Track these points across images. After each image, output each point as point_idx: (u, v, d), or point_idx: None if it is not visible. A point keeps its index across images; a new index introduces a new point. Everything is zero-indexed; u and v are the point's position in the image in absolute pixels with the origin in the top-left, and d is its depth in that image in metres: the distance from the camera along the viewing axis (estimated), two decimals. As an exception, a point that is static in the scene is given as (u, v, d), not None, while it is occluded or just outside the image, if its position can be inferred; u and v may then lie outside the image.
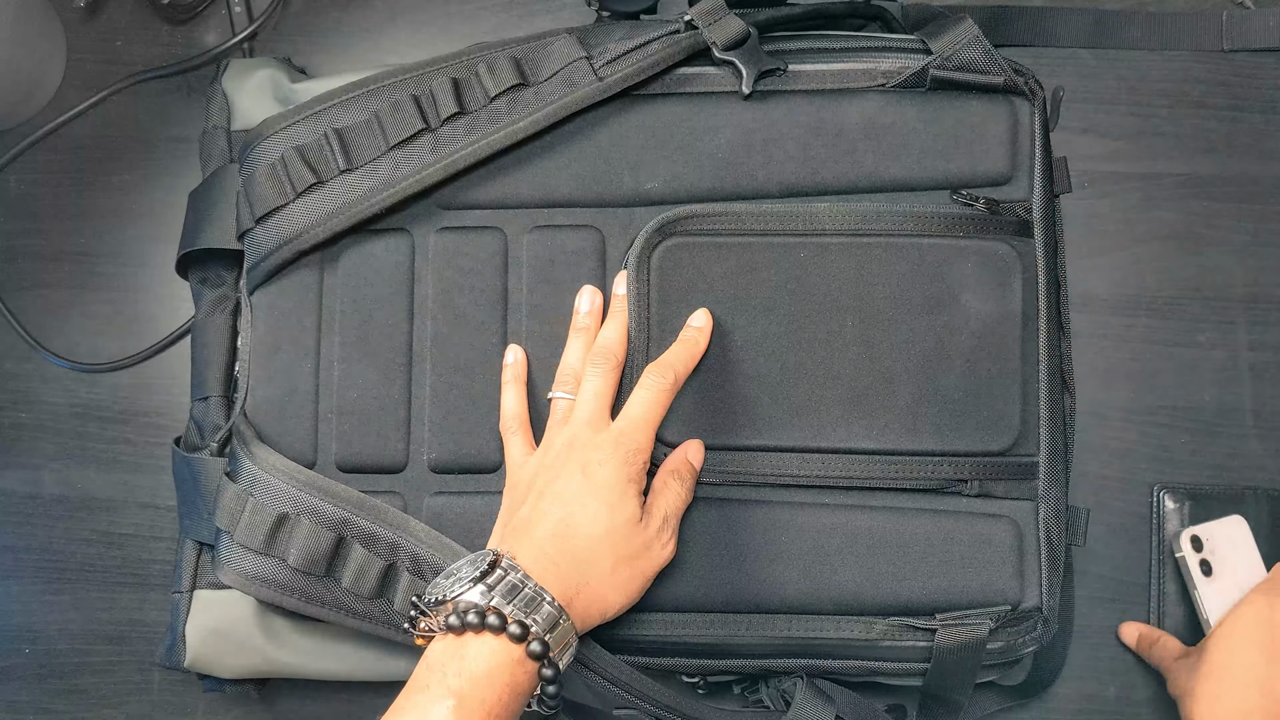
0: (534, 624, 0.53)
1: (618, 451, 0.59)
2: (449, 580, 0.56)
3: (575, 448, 0.60)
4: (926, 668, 0.63)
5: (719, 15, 0.65)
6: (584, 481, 0.59)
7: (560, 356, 0.65)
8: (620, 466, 0.59)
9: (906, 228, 0.64)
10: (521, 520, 0.59)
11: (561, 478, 0.59)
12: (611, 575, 0.58)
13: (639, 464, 0.60)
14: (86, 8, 0.78)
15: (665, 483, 0.62)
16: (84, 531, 0.77)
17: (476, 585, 0.54)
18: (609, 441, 0.60)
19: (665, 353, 0.63)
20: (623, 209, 0.66)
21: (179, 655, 0.67)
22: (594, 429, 0.61)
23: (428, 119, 0.65)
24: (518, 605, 0.54)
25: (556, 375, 0.64)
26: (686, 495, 0.62)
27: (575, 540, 0.57)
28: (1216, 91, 0.77)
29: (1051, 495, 0.64)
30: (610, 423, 0.61)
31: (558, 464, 0.60)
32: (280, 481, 0.63)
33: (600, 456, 0.59)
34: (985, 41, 0.65)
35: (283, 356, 0.66)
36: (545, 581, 0.55)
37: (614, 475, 0.59)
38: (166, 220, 0.78)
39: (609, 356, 0.63)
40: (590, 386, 0.62)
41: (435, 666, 0.53)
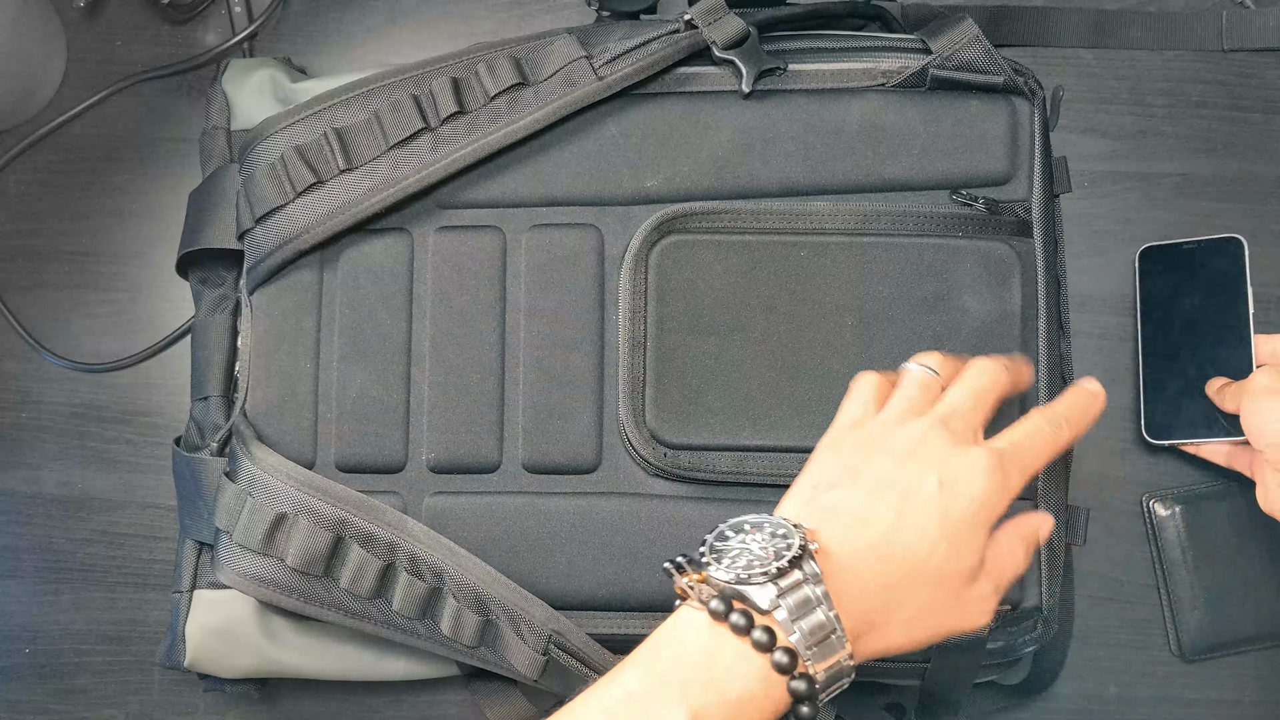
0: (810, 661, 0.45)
1: (992, 479, 0.49)
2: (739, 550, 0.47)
3: (937, 444, 0.50)
4: (926, 667, 0.63)
5: (719, 15, 0.65)
6: (938, 497, 0.48)
7: (560, 357, 0.64)
8: (986, 501, 0.48)
9: (906, 227, 0.64)
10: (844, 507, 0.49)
11: (909, 474, 0.49)
12: (912, 620, 0.48)
13: (1002, 508, 0.49)
14: (86, 8, 0.78)
15: (1013, 546, 0.52)
16: (84, 531, 0.77)
17: (769, 583, 0.45)
18: (986, 461, 0.49)
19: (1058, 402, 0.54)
20: (622, 208, 0.66)
21: (179, 655, 0.67)
22: (963, 433, 0.50)
23: (427, 118, 0.65)
24: (803, 633, 0.45)
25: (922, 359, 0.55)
26: (1024, 567, 0.52)
27: (896, 566, 0.48)
28: (1216, 91, 0.77)
29: (1051, 495, 0.64)
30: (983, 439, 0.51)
31: (907, 451, 0.50)
32: (279, 481, 0.63)
33: (969, 475, 0.49)
34: (985, 41, 0.65)
35: (282, 356, 0.66)
36: (844, 608, 0.46)
37: (975, 510, 0.48)
38: (166, 220, 0.78)
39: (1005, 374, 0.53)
40: (976, 382, 0.52)
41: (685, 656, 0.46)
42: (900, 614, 0.48)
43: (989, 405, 0.52)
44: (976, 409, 0.51)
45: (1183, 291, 0.73)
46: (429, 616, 0.63)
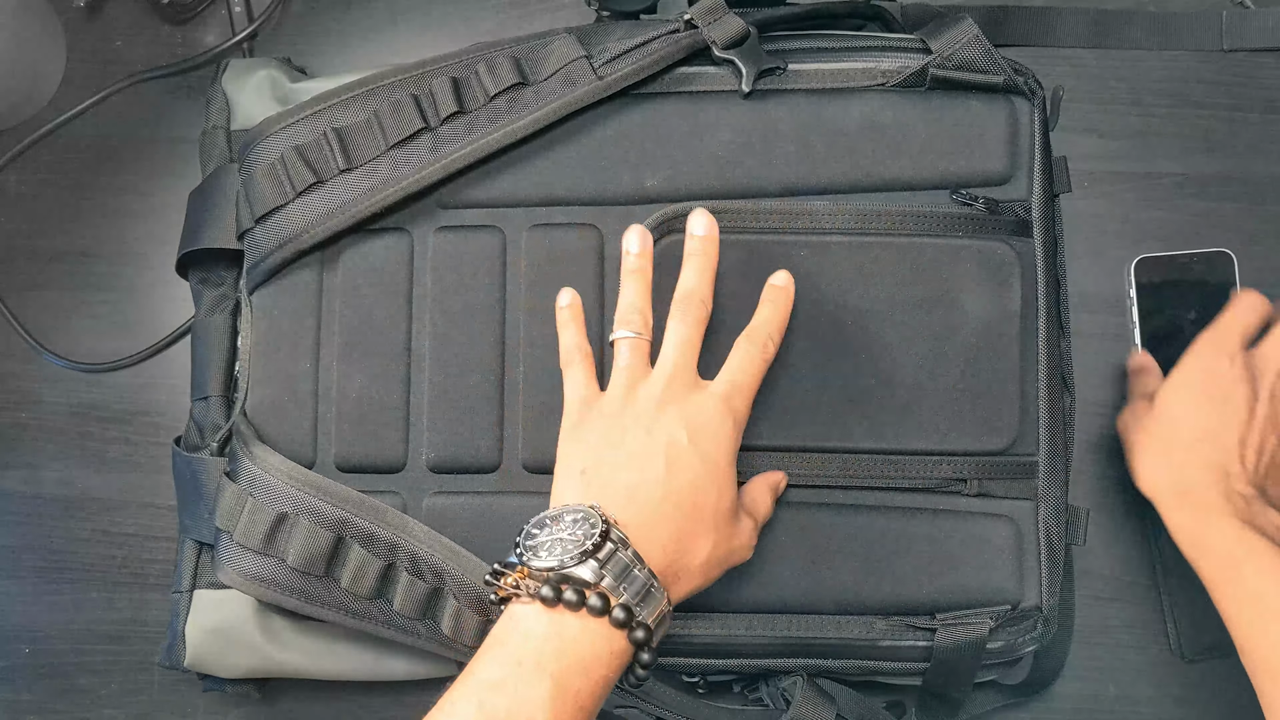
0: (641, 613, 0.52)
1: (728, 419, 0.57)
2: (550, 541, 0.53)
3: (672, 401, 0.57)
4: (926, 667, 0.63)
5: (719, 14, 0.65)
6: (691, 448, 0.55)
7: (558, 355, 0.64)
8: (731, 438, 0.56)
9: (906, 227, 0.64)
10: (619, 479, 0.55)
11: (661, 434, 0.56)
12: (707, 560, 0.56)
13: (738, 437, 0.57)
14: (86, 8, 0.78)
15: (760, 490, 0.61)
16: (84, 531, 0.77)
17: (587, 560, 0.52)
18: (715, 404, 0.57)
19: (754, 318, 0.61)
20: (622, 207, 0.66)
21: (179, 655, 0.67)
22: (688, 385, 0.57)
23: (427, 118, 0.65)
24: (630, 592, 0.52)
25: (616, 316, 0.61)
26: (771, 510, 0.62)
27: (683, 516, 0.55)
28: (1216, 91, 0.77)
29: (1051, 495, 0.64)
30: (703, 381, 0.59)
31: (652, 415, 0.57)
32: (279, 481, 0.63)
33: (706, 420, 0.56)
34: (985, 41, 0.65)
35: (282, 356, 0.66)
36: (654, 562, 0.53)
37: (727, 448, 0.56)
38: (166, 220, 0.78)
39: (698, 305, 0.60)
40: (679, 333, 0.59)
41: (532, 638, 0.51)
42: (696, 558, 0.55)
43: (696, 347, 0.59)
44: (687, 359, 0.58)
45: (1178, 305, 0.74)
46: (430, 616, 0.63)
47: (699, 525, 0.55)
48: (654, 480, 0.55)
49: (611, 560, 0.52)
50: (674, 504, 0.55)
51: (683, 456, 0.55)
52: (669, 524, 0.55)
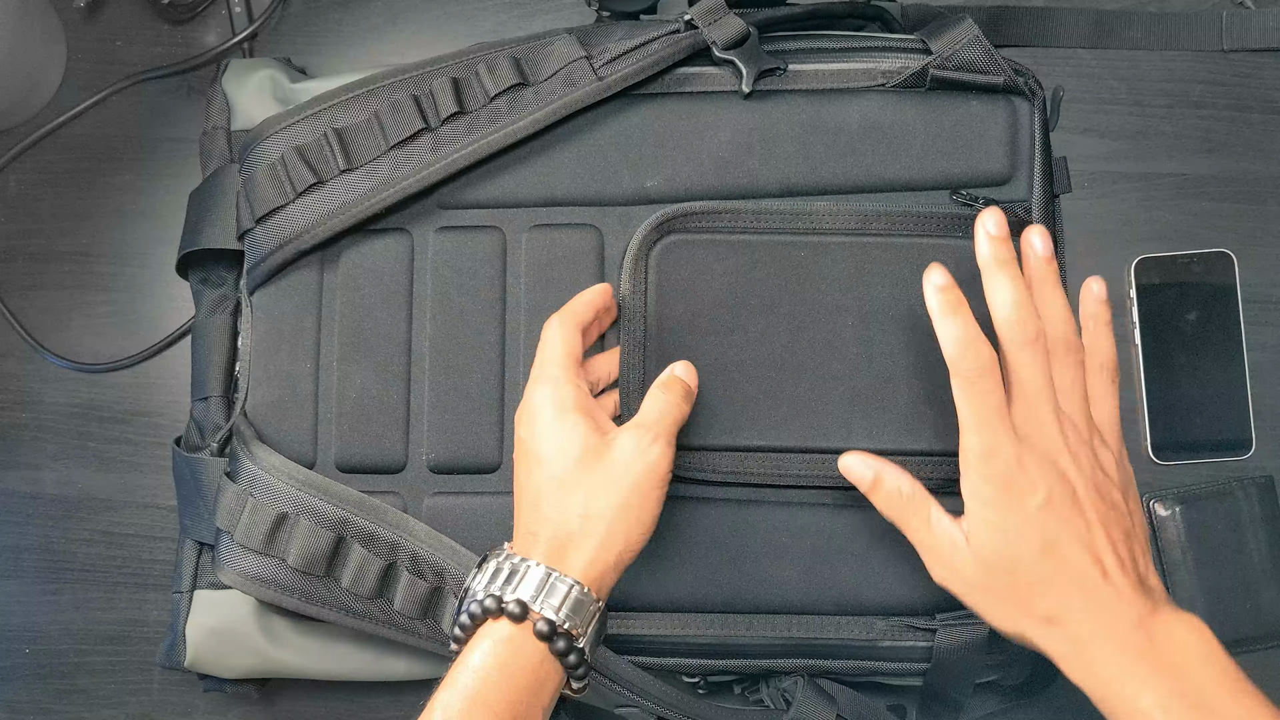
0: (520, 594, 0.53)
1: (536, 391, 0.58)
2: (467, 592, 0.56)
3: (520, 414, 0.59)
4: (927, 668, 0.63)
5: (719, 15, 0.65)
6: (529, 439, 0.57)
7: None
8: (545, 403, 0.57)
9: (906, 227, 0.64)
10: (514, 510, 0.59)
11: (519, 449, 0.59)
12: (589, 514, 0.55)
13: (563, 393, 0.57)
14: (86, 8, 0.78)
15: (649, 394, 0.60)
16: (84, 531, 0.77)
17: (473, 585, 0.55)
18: (529, 389, 0.59)
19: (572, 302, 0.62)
20: (622, 208, 0.66)
21: (179, 655, 0.67)
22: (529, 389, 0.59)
23: (427, 119, 0.65)
24: (501, 583, 0.53)
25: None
26: (674, 404, 0.59)
27: (540, 497, 0.56)
28: (1216, 91, 0.77)
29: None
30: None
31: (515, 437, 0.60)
32: (280, 482, 0.63)
33: (528, 408, 0.58)
34: (985, 41, 0.65)
35: (282, 357, 0.66)
36: (526, 550, 0.55)
37: (546, 418, 0.57)
38: (166, 220, 0.78)
39: (560, 313, 0.62)
40: (543, 347, 0.60)
41: (457, 666, 0.53)
42: (570, 516, 0.55)
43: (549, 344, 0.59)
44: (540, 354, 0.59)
45: (1178, 305, 0.74)
46: (430, 616, 0.63)
47: (554, 489, 0.56)
48: (518, 493, 0.58)
49: (489, 571, 0.55)
50: (531, 497, 0.56)
51: (522, 450, 0.58)
52: (532, 514, 0.56)
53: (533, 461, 0.57)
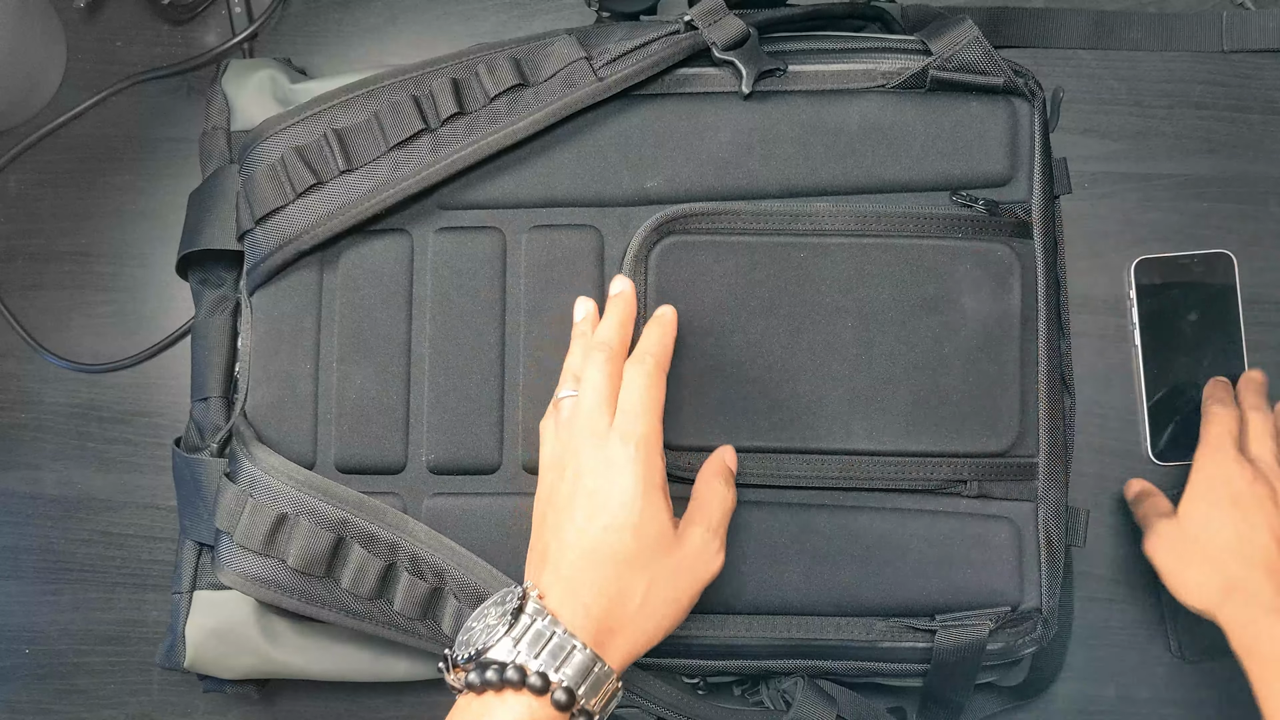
0: (563, 677, 0.50)
1: (627, 446, 0.54)
2: (479, 626, 0.53)
3: (584, 450, 0.56)
4: (926, 669, 0.63)
5: (719, 16, 0.65)
6: (598, 493, 0.54)
7: (560, 358, 0.64)
8: (635, 465, 0.54)
9: (906, 228, 0.64)
10: (546, 542, 0.55)
11: (580, 490, 0.55)
12: (646, 602, 0.53)
13: (653, 459, 0.55)
14: (86, 8, 0.78)
15: (709, 485, 0.58)
16: (84, 531, 0.77)
17: (505, 637, 0.52)
18: (617, 438, 0.55)
19: (642, 345, 0.60)
20: (622, 209, 0.66)
21: (179, 655, 0.67)
22: (596, 426, 0.56)
23: (427, 119, 0.65)
24: (545, 656, 0.51)
25: (560, 378, 0.61)
26: (732, 499, 0.59)
27: (604, 568, 0.53)
28: (1216, 92, 0.77)
29: (1051, 496, 0.64)
30: (611, 422, 0.57)
31: (571, 469, 0.56)
32: (279, 482, 0.63)
33: (610, 456, 0.55)
34: (985, 42, 0.65)
35: (282, 357, 0.66)
36: (575, 624, 0.52)
37: (633, 481, 0.54)
38: (166, 221, 0.78)
39: (605, 346, 0.59)
40: (589, 379, 0.57)
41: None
42: (630, 604, 0.53)
43: (608, 390, 0.57)
44: (597, 398, 0.57)
45: (1178, 306, 0.74)
46: (430, 617, 0.63)
47: (623, 568, 0.53)
48: (571, 539, 0.54)
49: (529, 631, 0.52)
50: (590, 556, 0.53)
51: (592, 502, 0.54)
52: (589, 578, 0.53)
53: (603, 520, 0.54)
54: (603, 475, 0.55)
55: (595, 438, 0.56)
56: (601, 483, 0.55)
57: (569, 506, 0.55)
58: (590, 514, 0.54)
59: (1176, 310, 0.74)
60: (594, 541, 0.54)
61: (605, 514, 0.54)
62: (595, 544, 0.54)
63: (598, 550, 0.53)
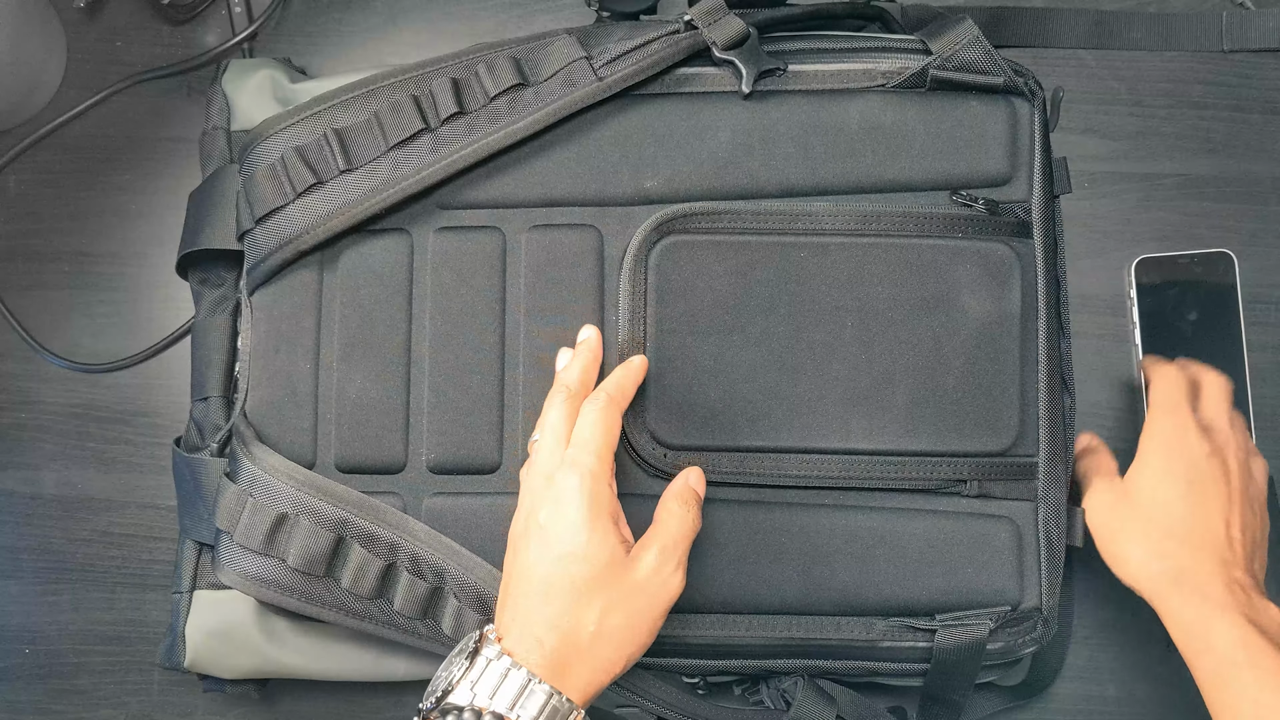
0: (520, 714, 0.51)
1: (572, 477, 0.55)
2: (444, 673, 0.53)
3: (538, 486, 0.57)
4: (926, 668, 0.63)
5: (719, 15, 0.65)
6: (552, 525, 0.55)
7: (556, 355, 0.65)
8: (580, 495, 0.55)
9: (906, 228, 0.64)
10: (507, 581, 0.56)
11: (532, 526, 0.56)
12: (601, 630, 0.53)
13: (600, 489, 0.55)
14: (86, 8, 0.78)
15: (666, 508, 0.58)
16: (84, 531, 0.77)
17: (463, 680, 0.52)
18: (564, 470, 0.56)
19: (606, 383, 0.60)
20: (622, 208, 0.66)
21: (179, 655, 0.67)
22: (550, 464, 0.57)
23: (427, 119, 0.65)
24: (501, 696, 0.51)
25: (537, 424, 0.61)
26: (692, 521, 0.58)
27: (556, 600, 0.53)
28: (1216, 92, 0.77)
29: (1051, 495, 0.64)
30: (566, 456, 0.57)
31: (526, 506, 0.57)
32: (280, 482, 0.63)
33: (558, 489, 0.55)
34: (985, 42, 0.65)
35: (282, 357, 0.66)
36: (530, 660, 0.52)
37: (577, 514, 0.54)
38: (166, 221, 0.78)
39: (564, 388, 0.59)
40: (547, 421, 0.58)
41: None
42: (584, 632, 0.53)
43: (559, 430, 0.58)
44: (553, 438, 0.57)
45: (1178, 306, 0.74)
46: (430, 616, 0.63)
47: (575, 598, 0.53)
48: (521, 573, 0.55)
49: (485, 673, 0.52)
50: (542, 589, 0.54)
51: (543, 536, 0.55)
52: (542, 612, 0.53)
53: (552, 552, 0.54)
54: (551, 508, 0.55)
55: (547, 475, 0.56)
56: (550, 515, 0.55)
57: (524, 542, 0.56)
58: (541, 548, 0.55)
59: (1176, 310, 0.74)
60: (545, 574, 0.54)
61: (555, 545, 0.54)
62: (546, 576, 0.54)
63: (549, 582, 0.54)
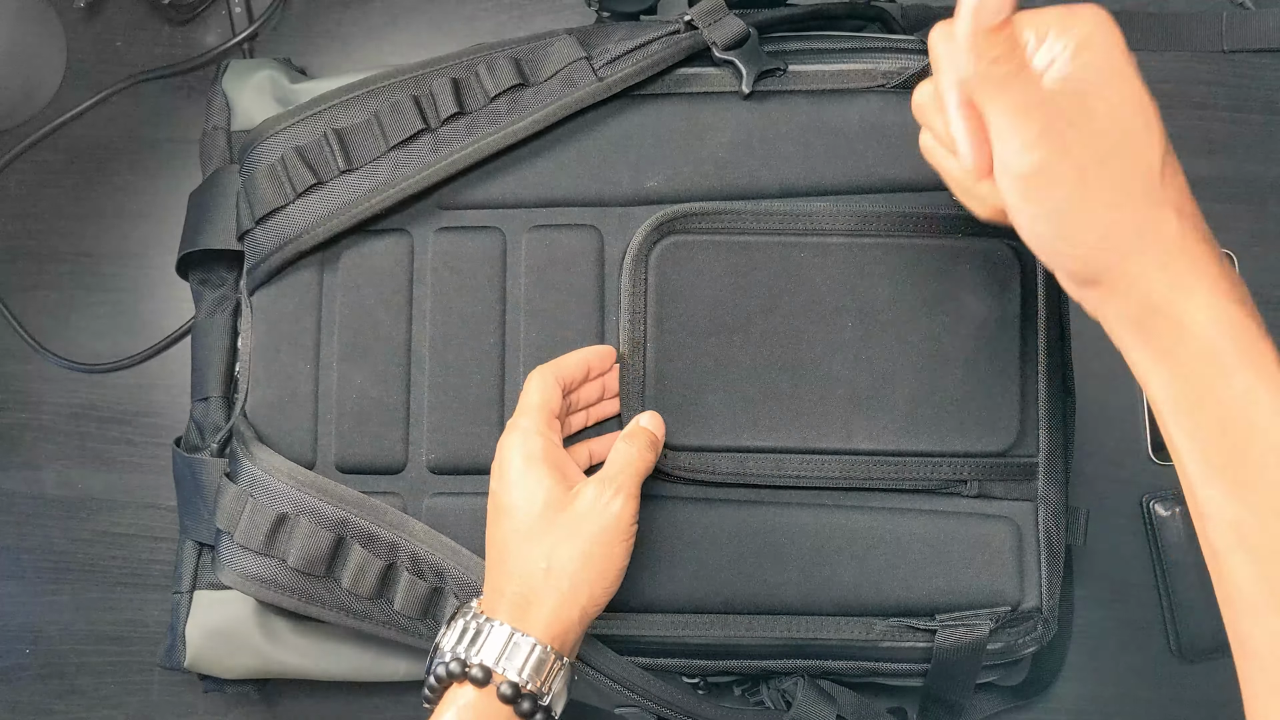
0: (479, 656, 0.53)
1: (506, 439, 0.58)
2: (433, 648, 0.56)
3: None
4: (927, 668, 0.63)
5: (719, 15, 0.65)
6: (498, 490, 0.58)
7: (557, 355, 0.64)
8: (512, 454, 0.57)
9: (906, 228, 0.64)
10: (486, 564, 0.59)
11: (490, 500, 0.58)
12: (552, 568, 0.55)
13: (531, 437, 0.57)
14: (86, 8, 0.78)
15: (613, 446, 0.59)
16: (84, 531, 0.77)
17: (445, 639, 0.55)
18: (501, 439, 0.58)
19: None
20: (622, 209, 0.66)
21: (179, 655, 0.67)
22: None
23: (427, 119, 0.65)
24: (467, 644, 0.54)
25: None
26: (637, 454, 0.58)
27: (509, 549, 0.56)
28: (1216, 92, 0.77)
29: (1051, 496, 0.64)
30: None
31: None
32: (280, 482, 0.63)
33: (499, 457, 0.58)
34: (985, 42, 0.64)
35: (282, 357, 0.66)
36: (493, 608, 0.55)
37: (511, 468, 0.57)
38: (167, 221, 0.78)
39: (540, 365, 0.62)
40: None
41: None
42: (533, 572, 0.55)
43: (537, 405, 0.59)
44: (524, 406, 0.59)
45: None
46: (430, 616, 0.63)
47: (522, 542, 0.56)
48: (489, 546, 0.58)
49: (461, 630, 0.55)
50: (499, 545, 0.57)
51: (493, 502, 0.58)
52: (502, 566, 0.56)
53: (500, 513, 0.57)
54: (496, 472, 0.58)
55: (497, 450, 0.59)
56: (496, 480, 0.58)
57: (488, 519, 0.58)
58: (494, 514, 0.58)
59: None
60: (497, 531, 0.57)
61: (500, 504, 0.57)
62: (500, 537, 0.57)
63: (502, 541, 0.56)
